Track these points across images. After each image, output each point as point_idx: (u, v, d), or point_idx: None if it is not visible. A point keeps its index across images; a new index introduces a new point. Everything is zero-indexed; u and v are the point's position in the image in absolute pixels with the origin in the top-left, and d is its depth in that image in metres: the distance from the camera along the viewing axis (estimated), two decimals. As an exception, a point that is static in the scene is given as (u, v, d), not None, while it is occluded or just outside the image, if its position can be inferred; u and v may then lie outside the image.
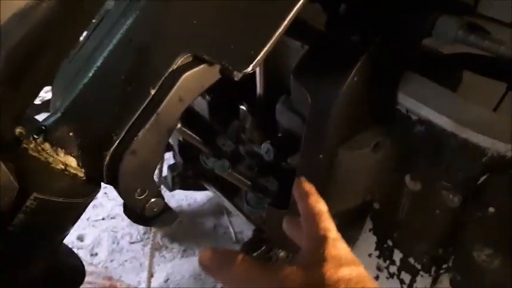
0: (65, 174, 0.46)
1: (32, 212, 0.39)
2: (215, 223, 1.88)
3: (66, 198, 0.42)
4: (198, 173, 0.85)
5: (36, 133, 0.46)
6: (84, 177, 0.47)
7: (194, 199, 2.00)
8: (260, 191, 0.70)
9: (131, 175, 0.46)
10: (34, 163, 0.44)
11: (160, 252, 1.70)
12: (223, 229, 1.86)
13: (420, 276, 0.71)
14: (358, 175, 0.56)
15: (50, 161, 0.46)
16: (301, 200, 0.44)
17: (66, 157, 0.46)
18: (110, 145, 0.45)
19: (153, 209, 0.51)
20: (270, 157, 0.63)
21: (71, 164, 0.47)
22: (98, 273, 1.55)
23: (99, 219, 1.81)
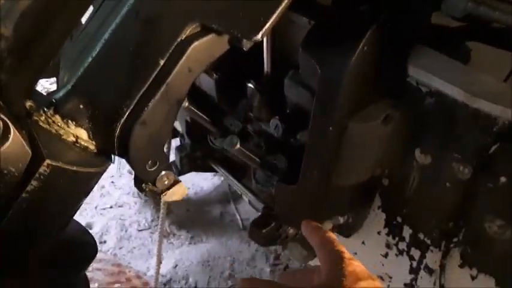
0: (77, 146, 0.46)
1: (45, 179, 0.39)
2: (222, 211, 1.89)
3: (78, 167, 0.42)
4: (206, 154, 0.85)
5: (47, 106, 0.47)
6: (95, 150, 0.48)
7: (201, 187, 2.01)
8: (269, 168, 0.70)
9: (142, 146, 0.46)
10: (45, 135, 0.45)
11: (168, 239, 1.71)
12: (229, 216, 1.87)
13: (430, 251, 0.71)
14: (367, 148, 0.56)
15: (61, 133, 0.46)
16: (313, 232, 0.50)
17: (77, 129, 0.47)
18: (120, 116, 0.45)
19: (164, 181, 0.51)
20: (279, 133, 0.63)
21: (82, 136, 0.47)
22: (107, 260, 1.57)
23: (107, 207, 1.82)
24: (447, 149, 0.58)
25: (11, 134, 0.38)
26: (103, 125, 0.46)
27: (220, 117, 0.77)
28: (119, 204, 1.85)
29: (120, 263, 1.57)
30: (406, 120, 0.57)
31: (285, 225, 0.71)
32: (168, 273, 1.57)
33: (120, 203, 1.86)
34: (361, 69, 0.50)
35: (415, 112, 0.58)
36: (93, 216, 1.78)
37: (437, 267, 0.70)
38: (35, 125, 0.45)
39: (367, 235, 0.81)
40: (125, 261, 1.59)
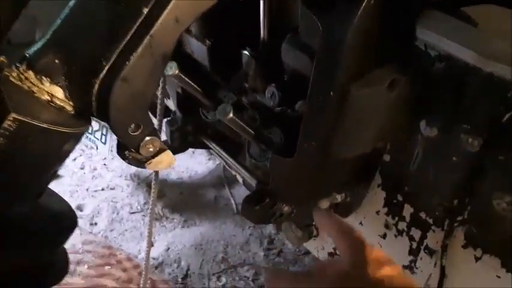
0: (51, 106, 0.42)
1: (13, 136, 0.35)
2: (216, 195, 1.86)
3: (50, 125, 0.38)
4: (199, 129, 0.81)
5: (19, 61, 0.42)
6: (72, 110, 0.43)
7: (195, 171, 1.97)
8: (264, 142, 0.66)
9: (123, 106, 0.42)
10: (16, 91, 0.40)
11: (161, 222, 1.68)
12: (224, 201, 1.84)
13: (432, 231, 0.67)
14: (370, 116, 0.52)
15: (34, 91, 0.41)
16: (329, 222, 0.47)
17: (52, 87, 0.42)
18: (99, 72, 0.41)
19: (149, 148, 0.47)
20: (275, 102, 0.59)
21: (57, 94, 0.43)
22: (98, 242, 1.53)
23: (99, 189, 1.78)
24: (456, 119, 0.54)
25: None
26: (80, 82, 0.42)
27: (213, 89, 0.73)
28: (111, 187, 1.81)
29: (111, 245, 1.54)
30: (412, 87, 0.53)
31: (280, 203, 0.67)
32: (160, 256, 1.54)
33: (112, 186, 1.82)
34: (366, 27, 0.45)
35: (422, 78, 0.53)
36: (84, 198, 1.74)
37: (438, 247, 0.67)
38: (6, 81, 0.40)
39: (365, 215, 0.78)
40: (116, 243, 1.56)
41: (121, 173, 1.88)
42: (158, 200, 1.75)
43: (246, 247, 1.64)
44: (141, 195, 1.79)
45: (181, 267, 1.51)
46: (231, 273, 1.54)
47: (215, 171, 1.99)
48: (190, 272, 1.51)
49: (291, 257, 1.62)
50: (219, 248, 1.61)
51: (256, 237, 1.68)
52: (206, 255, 1.59)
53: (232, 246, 1.63)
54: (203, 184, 1.93)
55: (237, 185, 1.91)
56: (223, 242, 1.64)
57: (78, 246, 1.49)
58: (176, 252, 1.57)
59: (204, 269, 1.53)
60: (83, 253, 1.48)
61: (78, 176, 1.84)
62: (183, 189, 1.86)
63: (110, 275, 1.42)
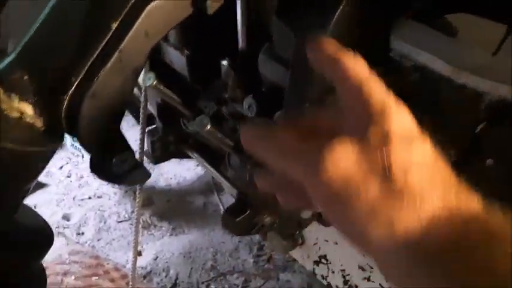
0: (22, 123, 0.41)
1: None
2: (205, 201, 1.85)
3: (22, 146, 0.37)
4: (180, 139, 0.80)
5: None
6: (43, 127, 0.43)
7: (183, 177, 1.96)
8: (243, 153, 0.66)
9: (93, 123, 0.41)
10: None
11: (149, 230, 1.66)
12: (213, 207, 1.83)
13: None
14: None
15: (4, 108, 0.41)
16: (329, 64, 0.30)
17: (22, 104, 0.41)
18: (68, 88, 0.40)
19: (122, 164, 0.46)
20: (253, 113, 0.59)
21: (27, 111, 0.42)
22: (85, 252, 1.51)
23: (86, 198, 1.76)
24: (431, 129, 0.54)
25: None
26: (50, 98, 0.41)
27: (193, 99, 0.72)
28: (98, 195, 1.80)
29: (98, 255, 1.52)
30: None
31: (261, 214, 0.67)
32: (148, 265, 1.53)
33: (99, 194, 1.80)
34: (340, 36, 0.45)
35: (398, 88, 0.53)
36: (70, 207, 1.72)
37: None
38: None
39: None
40: (103, 253, 1.54)
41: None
42: (146, 208, 1.74)
43: (235, 254, 1.63)
44: (129, 203, 1.77)
45: (170, 276, 1.50)
46: (220, 281, 1.53)
47: (204, 177, 1.98)
48: (179, 281, 1.50)
49: (281, 263, 1.62)
50: (208, 256, 1.60)
51: (246, 244, 1.67)
52: (195, 263, 1.57)
53: (221, 254, 1.62)
54: (192, 190, 1.92)
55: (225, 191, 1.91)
56: (212, 249, 1.63)
57: (65, 257, 1.47)
58: (165, 260, 1.56)
59: (193, 278, 1.52)
60: (69, 264, 1.46)
61: (65, 184, 1.82)
62: (171, 196, 1.85)
63: (98, 286, 1.40)
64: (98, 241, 1.59)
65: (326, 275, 0.90)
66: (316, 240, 0.88)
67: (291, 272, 1.60)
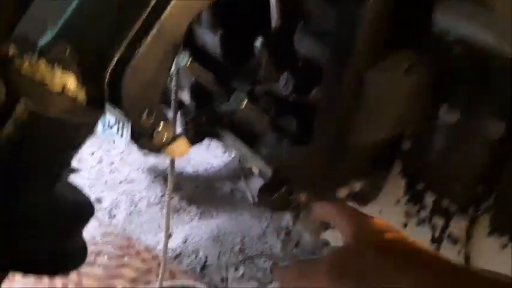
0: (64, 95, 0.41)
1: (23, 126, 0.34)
2: (232, 187, 1.86)
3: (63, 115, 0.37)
4: (212, 119, 0.80)
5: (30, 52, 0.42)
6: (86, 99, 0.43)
7: (211, 164, 1.98)
8: (279, 131, 0.65)
9: (135, 94, 0.41)
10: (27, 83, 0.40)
11: (179, 214, 1.69)
12: (240, 193, 1.84)
13: (455, 219, 0.65)
14: (388, 103, 0.50)
15: (46, 82, 0.41)
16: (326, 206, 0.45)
17: (64, 75, 0.42)
18: (110, 60, 0.40)
19: (163, 135, 0.46)
20: (289, 90, 0.58)
21: (70, 84, 0.42)
22: (116, 234, 1.55)
23: (117, 182, 1.80)
24: (478, 103, 0.52)
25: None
26: (92, 70, 0.42)
27: (226, 79, 0.72)
28: (129, 180, 1.83)
29: (129, 236, 1.56)
30: (431, 72, 0.51)
31: (297, 192, 0.66)
32: (178, 247, 1.55)
33: (130, 179, 1.84)
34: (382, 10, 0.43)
35: (441, 63, 0.51)
36: (102, 191, 1.76)
37: (462, 236, 0.65)
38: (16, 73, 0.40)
39: (385, 204, 0.76)
40: (134, 235, 1.58)
41: (138, 166, 1.90)
42: (175, 193, 1.76)
43: (263, 239, 1.64)
44: (158, 188, 1.80)
45: (199, 258, 1.52)
46: (248, 264, 1.54)
47: (231, 164, 1.99)
48: (208, 263, 1.52)
49: (309, 248, 1.61)
50: (236, 240, 1.62)
51: (273, 229, 1.67)
52: (223, 246, 1.59)
53: (249, 238, 1.63)
54: (219, 177, 1.93)
55: (253, 177, 1.91)
56: (240, 233, 1.64)
57: (98, 238, 1.52)
58: (194, 243, 1.58)
59: (221, 260, 1.53)
60: (102, 244, 1.50)
61: (96, 170, 1.87)
62: (199, 183, 1.86)
63: (129, 265, 1.44)
64: (129, 223, 1.63)
65: (359, 257, 0.88)
66: (350, 222, 0.86)
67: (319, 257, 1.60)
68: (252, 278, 1.47)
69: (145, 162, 1.91)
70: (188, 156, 1.99)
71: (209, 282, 1.44)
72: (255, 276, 1.48)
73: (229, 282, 1.46)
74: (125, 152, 1.97)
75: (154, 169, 1.89)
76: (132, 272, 1.40)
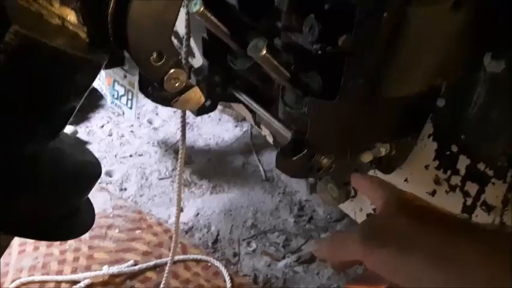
0: (64, 30, 0.36)
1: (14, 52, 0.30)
2: (244, 161, 1.82)
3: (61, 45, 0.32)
4: (227, 79, 0.75)
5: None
6: (87, 38, 0.38)
7: (222, 138, 1.94)
8: (300, 87, 0.59)
9: (142, 29, 0.36)
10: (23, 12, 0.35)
11: (190, 188, 1.66)
12: (252, 167, 1.80)
13: (491, 184, 0.60)
14: (431, 43, 0.44)
15: (43, 13, 0.36)
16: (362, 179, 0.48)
17: (63, 8, 0.37)
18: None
19: (175, 83, 0.41)
20: (315, 36, 0.52)
21: (69, 18, 0.37)
22: (128, 207, 1.53)
23: (127, 156, 1.78)
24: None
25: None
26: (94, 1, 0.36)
27: (242, 31, 0.66)
28: (139, 153, 1.81)
29: (140, 210, 1.53)
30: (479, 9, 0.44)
31: (319, 154, 0.61)
32: (190, 221, 1.53)
33: (140, 152, 1.81)
34: None
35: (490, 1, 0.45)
36: (112, 164, 1.73)
37: (499, 203, 0.60)
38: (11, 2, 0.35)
39: (412, 170, 0.71)
40: (145, 208, 1.55)
41: (148, 139, 1.87)
42: (186, 167, 1.73)
43: (275, 213, 1.61)
44: (169, 161, 1.77)
45: (211, 233, 1.50)
46: (261, 239, 1.51)
47: (243, 138, 1.95)
48: (220, 237, 1.49)
49: (322, 224, 1.58)
50: (248, 214, 1.59)
51: (286, 204, 1.64)
52: (235, 221, 1.56)
53: (261, 213, 1.60)
54: (231, 151, 1.89)
55: (265, 151, 1.87)
56: (253, 208, 1.61)
57: (109, 211, 1.50)
58: (206, 217, 1.55)
59: (233, 235, 1.51)
60: (113, 217, 1.48)
61: (106, 142, 1.84)
62: (210, 156, 1.83)
63: (141, 239, 1.42)
64: (140, 197, 1.60)
65: (380, 229, 0.84)
66: (371, 191, 0.81)
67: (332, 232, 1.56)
68: (265, 252, 1.45)
69: (156, 136, 1.88)
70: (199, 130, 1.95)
71: (221, 257, 1.42)
72: (268, 251, 1.45)
73: (241, 257, 1.43)
74: (135, 125, 1.94)
75: (164, 142, 1.86)
76: (144, 246, 1.39)
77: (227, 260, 1.41)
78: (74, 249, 1.35)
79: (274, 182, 1.74)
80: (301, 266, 1.43)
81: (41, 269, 1.28)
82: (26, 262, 1.29)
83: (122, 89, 1.53)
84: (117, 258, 1.35)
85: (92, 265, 1.31)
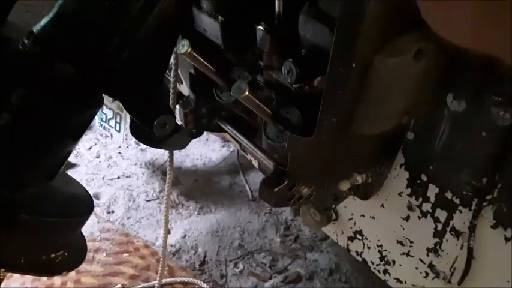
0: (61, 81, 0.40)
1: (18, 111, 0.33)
2: (231, 182, 1.85)
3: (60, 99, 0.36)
4: (213, 110, 0.79)
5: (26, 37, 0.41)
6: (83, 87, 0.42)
7: (209, 158, 1.97)
8: (281, 122, 0.64)
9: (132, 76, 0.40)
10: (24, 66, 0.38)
11: (177, 209, 1.68)
12: (239, 187, 1.83)
13: (458, 212, 0.64)
14: (395, 88, 0.49)
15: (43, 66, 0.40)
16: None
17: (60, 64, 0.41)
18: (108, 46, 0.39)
19: (164, 126, 0.45)
20: (293, 78, 0.56)
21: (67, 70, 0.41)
22: (115, 229, 1.54)
23: (115, 177, 1.79)
24: (485, 91, 0.51)
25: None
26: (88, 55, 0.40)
27: (227, 68, 0.70)
28: (127, 175, 1.82)
29: (128, 232, 1.54)
30: (439, 57, 0.49)
31: (299, 185, 0.65)
32: (177, 243, 1.54)
33: (128, 174, 1.83)
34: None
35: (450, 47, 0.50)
36: (100, 186, 1.74)
37: (465, 229, 0.64)
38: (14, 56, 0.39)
39: (387, 197, 0.75)
40: (133, 231, 1.56)
41: (136, 161, 1.89)
42: (173, 188, 1.75)
43: (262, 233, 1.63)
44: (157, 182, 1.79)
45: (199, 254, 1.51)
46: (248, 260, 1.53)
47: (229, 158, 1.98)
48: (208, 259, 1.51)
49: (308, 243, 1.61)
50: (236, 235, 1.61)
51: (272, 224, 1.67)
52: (223, 241, 1.58)
53: (248, 233, 1.62)
54: (218, 171, 1.92)
55: (251, 171, 1.90)
56: (240, 228, 1.64)
57: (96, 234, 1.50)
58: (193, 239, 1.57)
59: (221, 256, 1.52)
60: (100, 241, 1.49)
61: (94, 164, 1.85)
62: (198, 177, 1.85)
63: (128, 262, 1.43)
64: (127, 219, 1.61)
65: (361, 251, 0.88)
66: (352, 216, 0.86)
67: (318, 251, 1.59)
68: (252, 273, 1.47)
69: (143, 157, 1.90)
70: (187, 151, 1.98)
71: (208, 278, 1.43)
72: (255, 271, 1.47)
73: (228, 278, 1.45)
74: (123, 146, 1.96)
75: (152, 163, 1.88)
76: (131, 269, 1.39)
77: (214, 282, 1.43)
78: (60, 273, 1.35)
79: (261, 202, 1.76)
80: (288, 286, 1.46)
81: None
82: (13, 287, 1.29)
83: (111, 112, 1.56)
84: (105, 282, 1.35)
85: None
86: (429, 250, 0.73)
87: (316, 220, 0.88)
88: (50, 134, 0.38)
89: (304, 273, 1.49)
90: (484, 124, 0.52)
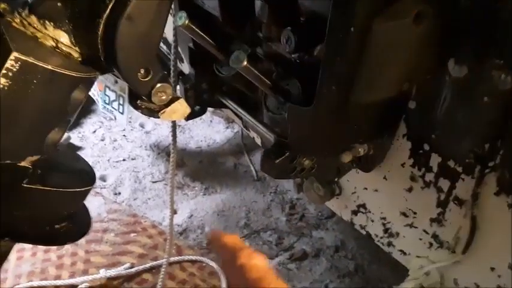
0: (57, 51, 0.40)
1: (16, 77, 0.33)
2: (235, 162, 1.85)
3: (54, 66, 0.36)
4: (213, 85, 0.78)
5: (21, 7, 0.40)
6: (80, 57, 0.41)
7: (213, 140, 1.97)
8: (281, 93, 0.63)
9: (130, 48, 0.40)
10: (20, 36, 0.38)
11: (183, 190, 1.69)
12: (243, 168, 1.84)
13: (461, 180, 0.64)
14: (395, 53, 0.48)
15: (39, 36, 0.40)
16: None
17: (56, 31, 0.40)
18: (103, 11, 0.39)
19: (161, 96, 0.45)
20: (291, 47, 0.56)
21: (62, 39, 0.41)
22: (122, 210, 1.56)
23: (120, 160, 1.80)
24: (486, 55, 0.50)
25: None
26: (85, 24, 0.40)
27: (226, 41, 0.70)
28: (132, 157, 1.83)
29: (135, 213, 1.56)
30: (440, 21, 0.48)
31: (300, 156, 0.65)
32: (184, 222, 1.56)
33: (133, 156, 1.84)
34: None
35: (450, 11, 0.49)
36: (106, 168, 1.76)
37: (469, 197, 0.64)
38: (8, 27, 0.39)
39: (390, 168, 0.75)
40: (140, 211, 1.58)
41: (141, 143, 1.90)
42: (179, 169, 1.76)
43: (267, 213, 1.64)
44: (162, 164, 1.80)
45: (205, 233, 1.53)
46: (254, 238, 1.55)
47: (234, 139, 1.98)
48: (214, 238, 1.52)
49: (313, 221, 1.62)
50: (241, 214, 1.62)
51: (278, 203, 1.68)
52: (229, 221, 1.60)
53: (254, 212, 1.64)
54: (222, 152, 1.93)
55: (256, 152, 1.90)
56: (245, 208, 1.65)
57: (104, 215, 1.53)
58: (199, 218, 1.59)
59: (227, 234, 1.54)
60: (108, 221, 1.51)
61: (99, 147, 1.87)
62: (202, 158, 1.86)
63: (136, 241, 1.45)
64: (134, 200, 1.63)
65: (365, 225, 0.88)
66: (355, 190, 0.86)
67: (323, 229, 1.60)
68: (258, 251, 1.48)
69: (148, 139, 1.91)
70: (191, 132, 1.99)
71: (215, 257, 1.45)
72: (261, 249, 1.49)
73: (235, 256, 1.47)
74: (127, 129, 1.96)
75: (157, 146, 1.89)
76: (140, 248, 1.42)
77: (221, 260, 1.45)
78: (71, 253, 1.38)
79: (266, 181, 1.77)
80: (294, 263, 1.47)
81: (39, 274, 1.31)
82: (24, 268, 1.32)
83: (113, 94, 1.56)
84: (114, 261, 1.38)
85: (89, 269, 1.34)
86: (432, 220, 0.73)
87: (320, 195, 0.88)
88: (49, 103, 0.38)
89: (310, 250, 1.50)
90: (485, 89, 0.51)
